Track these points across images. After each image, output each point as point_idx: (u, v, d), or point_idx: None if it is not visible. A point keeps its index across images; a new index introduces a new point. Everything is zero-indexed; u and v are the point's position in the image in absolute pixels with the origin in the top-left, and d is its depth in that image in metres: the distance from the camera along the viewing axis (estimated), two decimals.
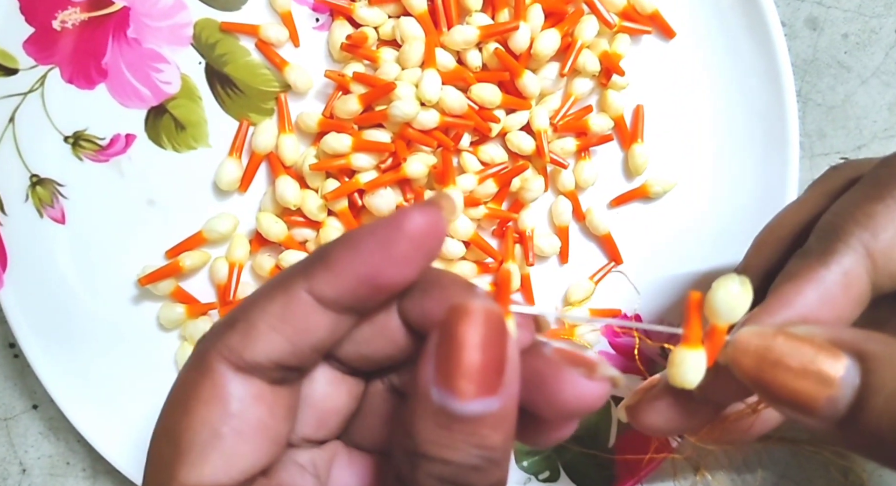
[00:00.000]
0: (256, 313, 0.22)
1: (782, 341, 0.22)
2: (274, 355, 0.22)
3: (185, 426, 0.22)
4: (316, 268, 0.22)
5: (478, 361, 0.20)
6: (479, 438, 0.20)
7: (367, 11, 0.39)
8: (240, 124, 0.40)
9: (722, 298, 0.22)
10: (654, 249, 0.43)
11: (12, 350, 0.44)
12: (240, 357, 0.22)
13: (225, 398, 0.22)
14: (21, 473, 0.44)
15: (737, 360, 0.23)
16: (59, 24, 0.39)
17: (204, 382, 0.22)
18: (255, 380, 0.22)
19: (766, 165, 0.41)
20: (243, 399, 0.22)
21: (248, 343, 0.22)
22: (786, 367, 0.22)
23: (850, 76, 0.44)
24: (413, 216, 0.21)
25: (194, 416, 0.22)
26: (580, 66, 0.40)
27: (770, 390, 0.22)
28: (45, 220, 0.40)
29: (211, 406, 0.22)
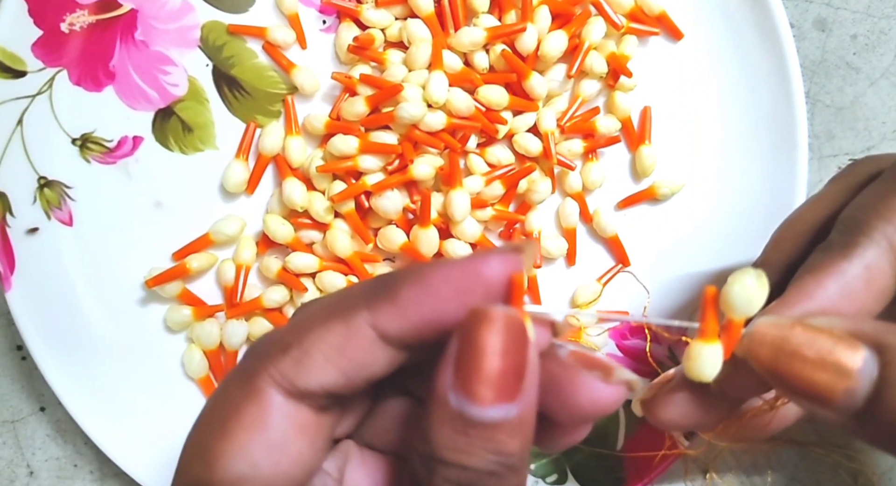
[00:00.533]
0: (312, 340, 0.21)
1: (800, 331, 0.22)
2: (327, 385, 0.21)
3: (222, 450, 0.21)
4: (381, 302, 0.21)
5: (497, 367, 0.20)
6: (496, 444, 0.20)
7: (373, 13, 0.39)
8: (247, 126, 0.40)
9: (738, 292, 0.22)
10: (662, 251, 0.43)
11: (20, 352, 0.44)
12: (291, 384, 0.21)
13: (269, 427, 0.21)
14: (28, 475, 0.44)
15: (754, 351, 0.23)
16: (68, 26, 0.39)
17: (249, 405, 0.21)
18: (302, 408, 0.22)
19: (774, 166, 0.41)
20: (287, 430, 0.21)
21: (301, 371, 0.21)
22: (803, 358, 0.22)
23: (859, 77, 0.44)
24: (493, 264, 0.21)
25: (234, 441, 0.21)
26: (587, 67, 0.40)
27: (787, 381, 0.22)
28: (53, 222, 0.40)
29: (252, 434, 0.21)
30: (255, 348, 0.22)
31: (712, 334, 0.23)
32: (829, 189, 0.32)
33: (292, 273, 0.40)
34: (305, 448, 0.22)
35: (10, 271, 0.40)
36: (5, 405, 0.44)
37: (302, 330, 0.22)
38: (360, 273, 0.40)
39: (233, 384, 0.22)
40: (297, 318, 0.22)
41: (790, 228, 0.32)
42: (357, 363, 0.21)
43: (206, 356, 0.41)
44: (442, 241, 0.40)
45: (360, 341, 0.21)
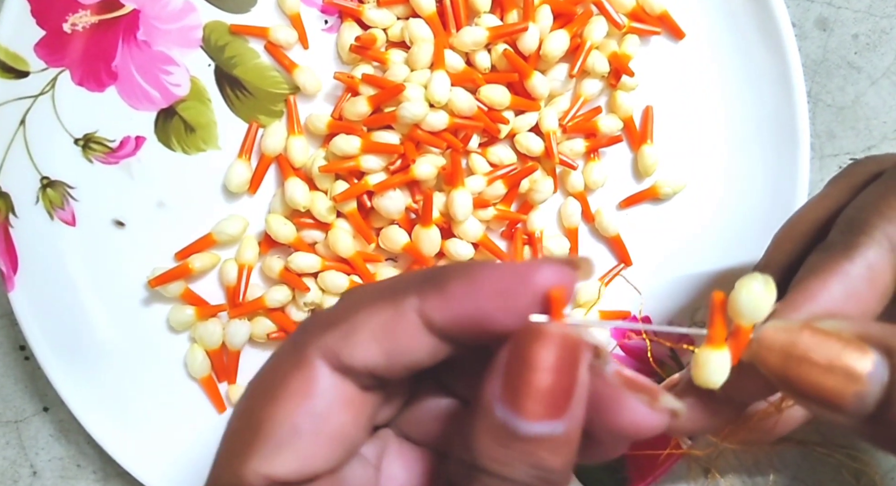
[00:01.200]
0: (361, 318, 0.22)
1: (808, 335, 0.22)
2: (370, 364, 0.22)
3: (269, 414, 0.22)
4: (430, 291, 0.22)
5: (548, 384, 0.20)
6: (538, 459, 0.20)
7: (375, 13, 0.39)
8: (249, 126, 0.40)
9: (745, 298, 0.22)
10: (664, 250, 0.43)
11: (23, 352, 0.44)
12: (336, 358, 0.22)
13: (314, 396, 0.22)
14: (32, 475, 0.45)
15: (762, 356, 0.23)
16: (70, 26, 0.39)
17: (297, 374, 0.22)
18: (347, 382, 0.22)
19: (776, 165, 0.41)
20: (332, 402, 0.22)
21: (347, 347, 0.22)
22: (812, 362, 0.22)
23: (861, 77, 0.44)
24: (544, 272, 0.21)
25: (280, 407, 0.22)
26: (589, 67, 0.40)
27: (796, 386, 0.22)
28: (56, 222, 0.40)
29: (298, 400, 0.22)
30: (305, 323, 0.23)
31: (720, 341, 0.23)
32: (829, 190, 0.32)
33: (294, 273, 0.40)
34: (348, 422, 0.22)
35: (14, 271, 0.40)
36: (8, 406, 0.44)
37: (351, 308, 0.22)
38: (363, 273, 0.40)
39: (282, 355, 0.23)
40: (347, 298, 0.23)
41: (791, 229, 0.32)
42: (400, 347, 0.22)
43: (209, 356, 0.41)
44: (444, 240, 0.40)
45: (405, 325, 0.22)
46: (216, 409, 0.42)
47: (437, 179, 0.40)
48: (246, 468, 0.22)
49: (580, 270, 0.21)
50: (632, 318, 0.43)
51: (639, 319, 0.43)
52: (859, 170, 0.31)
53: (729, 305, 0.22)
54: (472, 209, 0.39)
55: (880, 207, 0.27)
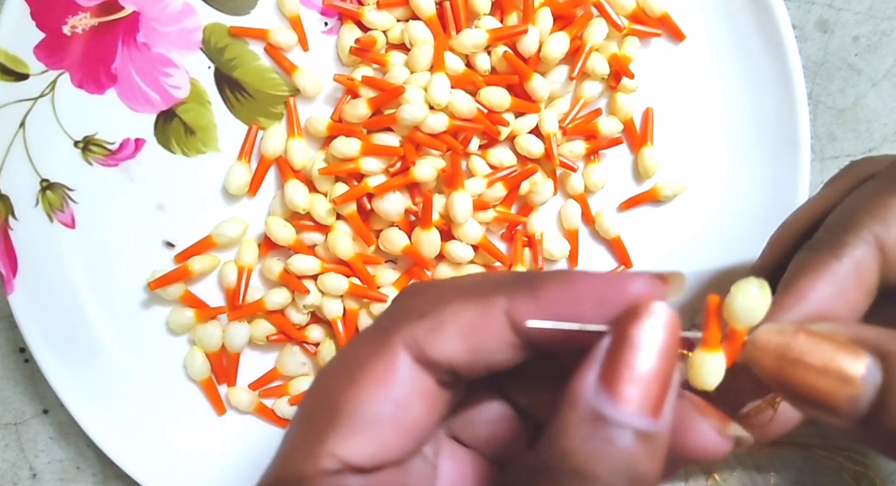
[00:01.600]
0: (449, 313, 0.22)
1: (803, 338, 0.22)
2: (452, 359, 0.22)
3: (350, 396, 0.22)
4: (521, 293, 0.22)
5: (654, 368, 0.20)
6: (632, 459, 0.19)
7: (375, 15, 0.39)
8: (249, 129, 0.40)
9: (741, 302, 0.22)
10: (665, 252, 0.43)
11: (22, 355, 0.44)
12: (421, 350, 0.22)
13: (396, 384, 0.22)
14: (31, 478, 0.45)
15: (757, 359, 0.23)
16: (70, 29, 0.39)
17: (381, 360, 0.22)
18: (428, 375, 0.22)
19: (776, 167, 0.41)
20: (412, 393, 0.22)
21: (433, 340, 0.22)
22: (806, 365, 0.22)
23: (861, 79, 0.44)
24: (639, 283, 0.21)
25: (362, 390, 0.22)
26: (589, 69, 0.40)
27: (791, 387, 0.22)
28: (55, 224, 0.40)
29: (381, 386, 0.22)
30: (392, 311, 0.23)
31: (716, 343, 0.23)
32: (824, 192, 0.32)
33: (294, 275, 0.40)
34: (423, 415, 0.22)
35: (13, 273, 0.40)
36: (8, 408, 0.44)
37: (439, 301, 0.22)
38: (362, 275, 0.40)
39: (366, 340, 0.23)
40: (435, 289, 0.23)
41: (786, 231, 0.32)
42: (485, 346, 0.22)
43: (209, 358, 0.41)
44: (444, 243, 0.40)
45: (493, 325, 0.22)
46: (216, 411, 0.42)
47: (437, 181, 0.40)
48: (321, 449, 0.22)
49: (671, 284, 0.22)
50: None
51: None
52: (855, 171, 0.31)
53: (724, 308, 0.22)
54: (471, 211, 0.39)
55: (869, 206, 0.27)
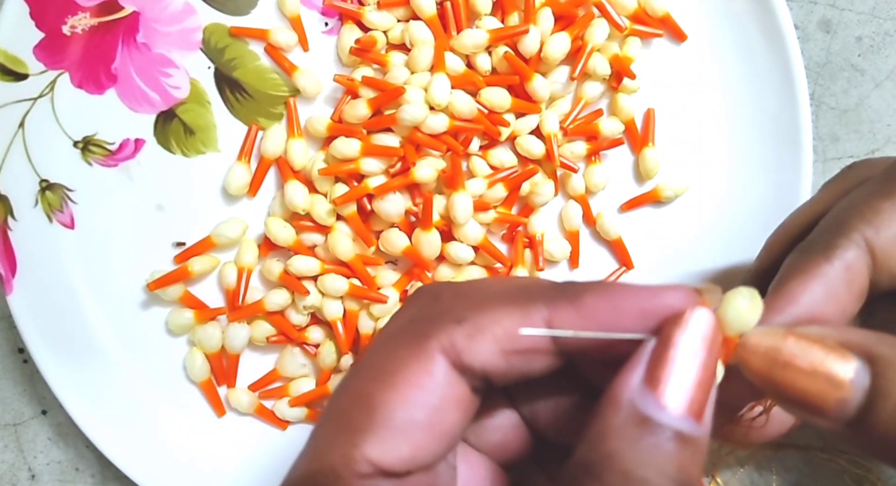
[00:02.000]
0: (488, 320, 0.22)
1: (792, 342, 0.22)
2: (489, 367, 0.22)
3: (387, 399, 0.22)
4: (561, 302, 0.22)
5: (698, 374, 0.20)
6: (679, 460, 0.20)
7: (376, 15, 0.39)
8: (249, 129, 0.40)
9: (732, 314, 0.22)
10: (666, 253, 0.42)
11: (21, 355, 0.44)
12: (458, 356, 0.22)
13: (434, 391, 0.22)
14: (30, 479, 0.44)
15: (747, 361, 0.23)
16: (69, 29, 0.39)
17: (417, 363, 0.22)
18: (463, 381, 0.22)
19: (778, 168, 0.41)
20: (448, 398, 0.22)
21: (471, 347, 0.22)
22: (796, 368, 0.22)
23: (864, 80, 0.44)
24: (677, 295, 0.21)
25: (399, 393, 0.22)
26: (590, 69, 0.40)
27: (780, 390, 0.22)
28: (55, 225, 0.40)
29: (418, 392, 0.22)
30: (430, 313, 0.23)
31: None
32: (821, 194, 0.32)
33: (294, 276, 0.40)
34: (457, 421, 0.22)
35: (12, 273, 0.39)
36: (7, 409, 0.44)
37: (478, 307, 0.22)
38: (363, 276, 0.40)
39: (403, 342, 0.23)
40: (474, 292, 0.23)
41: (782, 233, 0.32)
42: (521, 354, 0.22)
43: (208, 360, 0.41)
44: (444, 244, 0.40)
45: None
46: (215, 412, 0.42)
47: (438, 182, 0.40)
48: (355, 451, 0.21)
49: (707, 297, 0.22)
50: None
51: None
52: (852, 174, 0.31)
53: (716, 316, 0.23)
54: (472, 212, 0.39)
55: (862, 209, 0.27)
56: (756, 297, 0.22)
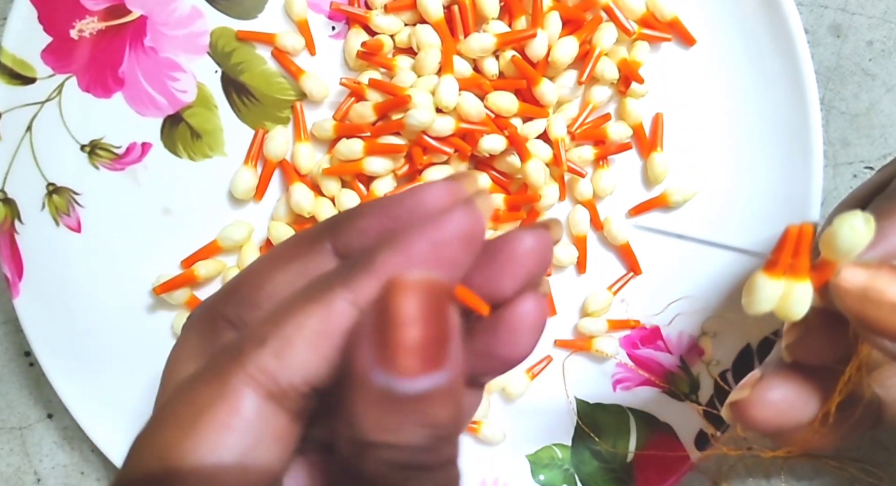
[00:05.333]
0: (292, 329, 0.20)
1: (887, 274, 0.22)
2: (311, 376, 0.20)
3: (189, 450, 0.19)
4: (358, 275, 0.20)
5: (418, 336, 0.18)
6: (427, 416, 0.19)
7: (383, 19, 0.39)
8: (255, 133, 0.40)
9: (846, 234, 0.21)
10: (674, 259, 0.42)
11: (27, 359, 0.44)
12: (273, 380, 0.20)
13: (242, 431, 0.20)
14: (36, 482, 0.44)
15: (840, 296, 0.22)
16: (77, 33, 0.39)
17: (221, 405, 0.20)
18: (280, 413, 0.20)
19: (788, 174, 0.41)
20: (261, 436, 0.20)
21: (284, 364, 0.19)
22: (892, 302, 0.21)
23: (875, 84, 0.43)
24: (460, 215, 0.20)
25: (203, 442, 0.19)
26: (598, 73, 0.40)
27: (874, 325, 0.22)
28: (61, 228, 0.40)
29: (224, 436, 0.19)
30: (226, 347, 0.21)
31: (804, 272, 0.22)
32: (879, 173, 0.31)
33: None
34: (275, 458, 0.20)
35: (19, 277, 0.39)
36: (13, 412, 0.44)
37: (278, 321, 0.20)
38: None
39: (203, 382, 0.20)
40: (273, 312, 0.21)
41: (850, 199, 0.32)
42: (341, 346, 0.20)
43: None
44: None
45: (341, 321, 0.20)
46: None
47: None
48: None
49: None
50: (640, 328, 0.42)
51: (649, 328, 0.42)
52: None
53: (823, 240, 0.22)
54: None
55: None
56: (871, 220, 0.22)
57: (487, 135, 0.38)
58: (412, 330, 0.18)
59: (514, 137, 0.38)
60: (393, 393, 0.18)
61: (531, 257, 0.21)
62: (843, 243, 0.21)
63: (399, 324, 0.18)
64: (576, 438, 0.43)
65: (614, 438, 0.42)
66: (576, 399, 0.43)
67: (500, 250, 0.21)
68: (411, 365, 0.18)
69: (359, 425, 0.19)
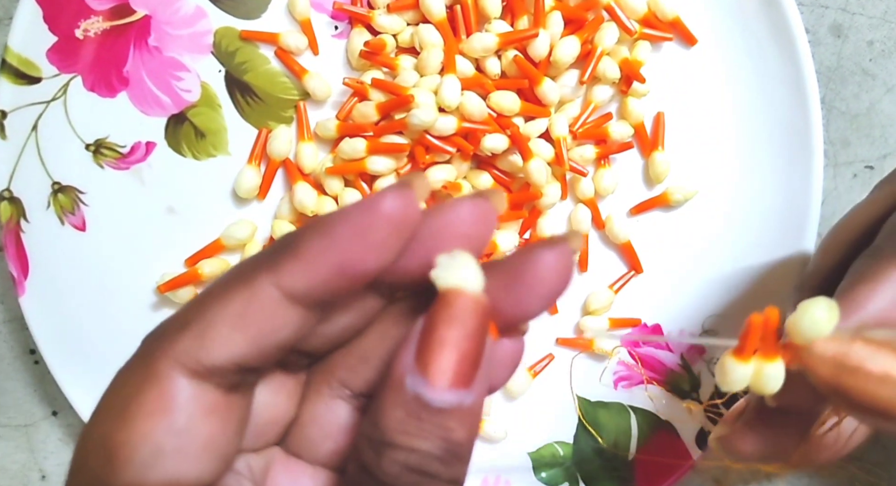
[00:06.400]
0: (214, 311, 0.20)
1: (861, 346, 0.22)
2: (235, 356, 0.20)
3: (123, 439, 0.20)
4: (284, 259, 0.20)
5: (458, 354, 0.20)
6: (446, 431, 0.20)
7: (385, 19, 0.39)
8: (259, 132, 0.41)
9: (807, 323, 0.22)
10: (675, 258, 0.42)
11: (33, 357, 0.45)
12: (196, 361, 0.20)
13: (173, 411, 0.20)
14: (41, 479, 0.45)
15: (813, 367, 0.22)
16: (82, 32, 0.39)
17: (149, 390, 0.20)
18: (209, 388, 0.20)
19: (789, 173, 0.41)
20: (193, 413, 0.20)
21: (205, 346, 0.20)
22: (865, 373, 0.21)
23: (875, 84, 0.43)
24: (388, 199, 0.20)
25: (134, 429, 0.20)
26: (600, 73, 0.40)
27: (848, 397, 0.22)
28: (67, 227, 0.40)
29: (155, 419, 0.20)
30: (151, 333, 0.21)
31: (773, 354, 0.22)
32: (877, 195, 0.31)
33: None
34: (216, 432, 0.20)
35: (24, 275, 0.40)
36: (18, 409, 0.45)
37: (202, 303, 0.20)
38: None
39: (131, 370, 0.20)
40: (199, 295, 0.21)
41: (838, 235, 0.32)
42: (265, 328, 0.20)
43: None
44: None
45: (264, 304, 0.20)
46: None
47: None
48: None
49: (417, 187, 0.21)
50: (642, 326, 0.42)
51: (650, 327, 0.42)
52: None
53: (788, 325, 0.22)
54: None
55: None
56: (834, 309, 0.22)
57: (490, 134, 0.39)
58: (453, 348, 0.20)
59: (516, 136, 0.39)
60: (421, 400, 0.20)
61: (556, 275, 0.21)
62: (807, 332, 0.22)
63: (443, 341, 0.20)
64: (577, 436, 0.43)
65: (615, 436, 0.42)
66: (577, 397, 0.43)
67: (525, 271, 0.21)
68: (444, 380, 0.20)
69: (384, 423, 0.20)
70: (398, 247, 0.20)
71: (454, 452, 0.20)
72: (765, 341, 0.22)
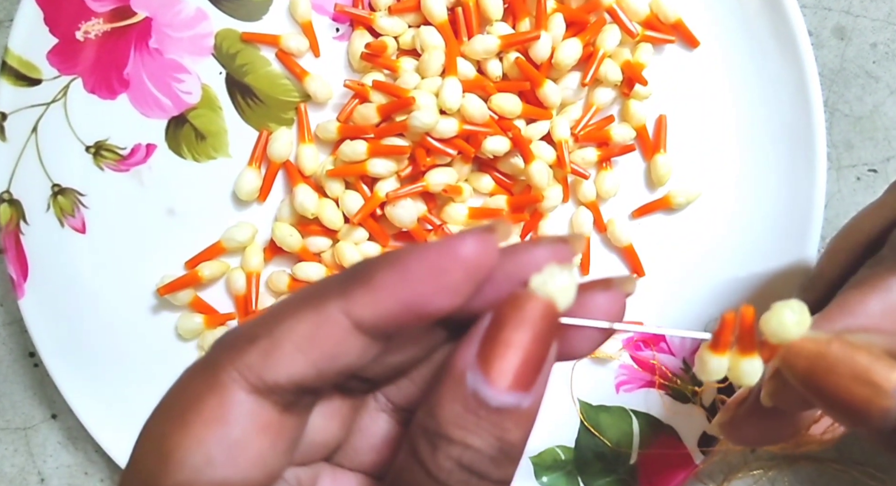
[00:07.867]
0: (282, 331, 0.20)
1: (837, 347, 0.22)
2: (296, 377, 0.20)
3: (178, 442, 0.20)
4: (355, 288, 0.20)
5: (521, 357, 0.20)
6: (501, 431, 0.20)
7: (387, 21, 0.39)
8: (260, 134, 0.40)
9: (774, 325, 0.22)
10: (678, 260, 0.42)
11: (32, 359, 0.44)
12: (258, 377, 0.20)
13: (228, 422, 0.20)
14: (40, 482, 0.44)
15: (790, 363, 0.22)
16: (83, 34, 0.39)
17: (210, 398, 0.20)
18: (266, 405, 0.21)
19: (792, 176, 0.41)
20: (248, 428, 0.20)
21: (270, 363, 0.20)
22: (839, 374, 0.22)
23: (879, 87, 0.43)
24: (468, 243, 0.20)
25: (191, 434, 0.20)
26: (602, 75, 0.40)
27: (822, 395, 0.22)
28: (66, 229, 0.40)
29: (212, 428, 0.20)
30: (221, 340, 0.22)
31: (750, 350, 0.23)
32: (886, 199, 0.31)
33: (302, 283, 0.40)
34: (266, 449, 0.21)
35: (24, 278, 0.40)
36: (17, 412, 0.44)
37: (271, 321, 0.21)
38: None
39: (195, 376, 0.21)
40: (269, 311, 0.22)
41: (845, 240, 0.32)
42: (329, 353, 0.20)
43: None
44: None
45: (332, 329, 0.20)
46: None
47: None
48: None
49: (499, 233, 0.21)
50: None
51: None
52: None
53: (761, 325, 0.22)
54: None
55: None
56: (804, 312, 0.22)
57: (491, 136, 0.38)
58: (517, 350, 0.20)
59: (517, 138, 0.38)
60: (479, 398, 0.20)
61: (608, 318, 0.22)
62: (777, 332, 0.22)
63: (508, 342, 0.20)
64: (579, 440, 0.43)
65: (617, 440, 0.42)
66: (579, 401, 0.43)
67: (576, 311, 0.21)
68: (505, 381, 0.20)
69: (440, 416, 0.20)
70: (471, 291, 0.21)
71: (507, 452, 0.20)
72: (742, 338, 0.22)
